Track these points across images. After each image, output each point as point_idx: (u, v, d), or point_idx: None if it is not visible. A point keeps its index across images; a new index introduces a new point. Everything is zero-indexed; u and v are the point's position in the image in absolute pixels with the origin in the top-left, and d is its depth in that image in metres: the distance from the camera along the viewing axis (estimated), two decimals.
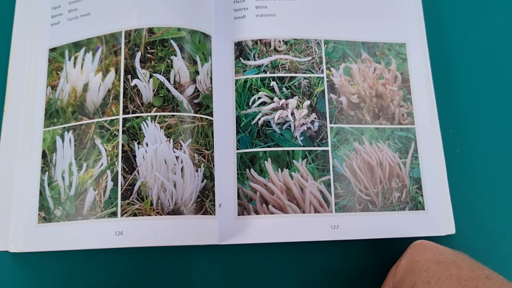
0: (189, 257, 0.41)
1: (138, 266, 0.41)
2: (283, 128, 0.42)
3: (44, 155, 0.41)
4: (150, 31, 0.41)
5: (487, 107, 0.47)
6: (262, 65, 0.44)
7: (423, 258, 0.35)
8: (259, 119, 0.42)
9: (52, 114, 0.42)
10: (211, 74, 0.42)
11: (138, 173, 0.39)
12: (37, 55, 0.44)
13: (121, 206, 0.38)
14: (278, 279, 0.41)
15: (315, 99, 0.43)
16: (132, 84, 0.41)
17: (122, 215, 0.38)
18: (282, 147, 0.42)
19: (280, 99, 0.43)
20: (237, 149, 0.42)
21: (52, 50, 0.44)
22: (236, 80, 0.43)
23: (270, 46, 0.44)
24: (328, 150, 0.42)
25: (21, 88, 0.43)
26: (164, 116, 0.40)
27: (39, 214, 0.40)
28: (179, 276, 0.41)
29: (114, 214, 0.38)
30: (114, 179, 0.39)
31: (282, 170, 0.41)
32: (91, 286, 0.41)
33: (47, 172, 0.41)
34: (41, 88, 0.43)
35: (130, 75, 0.41)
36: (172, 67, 0.41)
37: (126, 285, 0.41)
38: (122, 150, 0.39)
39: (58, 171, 0.41)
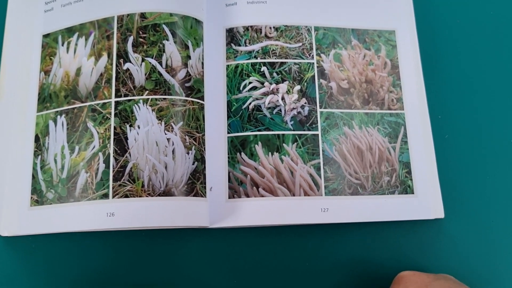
0: (180, 241, 0.42)
1: (129, 249, 0.42)
2: (274, 113, 0.43)
3: (37, 139, 0.42)
4: (142, 16, 0.42)
5: (475, 93, 0.48)
6: (253, 51, 0.44)
7: None
8: (250, 103, 0.43)
9: (45, 98, 0.43)
10: (203, 59, 0.43)
11: (130, 155, 0.39)
12: (31, 41, 0.44)
13: (113, 188, 0.39)
14: (268, 262, 0.42)
15: (305, 84, 0.44)
16: (125, 68, 0.41)
17: (113, 197, 0.38)
18: (272, 131, 0.42)
19: (270, 84, 0.43)
20: (228, 133, 0.42)
21: (46, 36, 0.44)
22: (228, 66, 0.44)
23: (261, 32, 0.45)
24: (318, 134, 0.43)
25: (14, 73, 0.44)
26: (156, 99, 0.40)
27: (31, 197, 0.41)
28: (170, 259, 0.41)
29: (105, 196, 0.39)
30: (106, 161, 0.39)
31: (272, 154, 0.42)
32: (84, 269, 0.41)
33: (39, 156, 0.41)
34: (34, 73, 0.44)
35: (122, 59, 0.41)
36: (164, 51, 0.41)
37: (117, 267, 0.41)
38: (114, 132, 0.40)
39: (51, 155, 0.41)
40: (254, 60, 0.44)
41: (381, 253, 0.42)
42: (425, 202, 0.43)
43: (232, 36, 0.45)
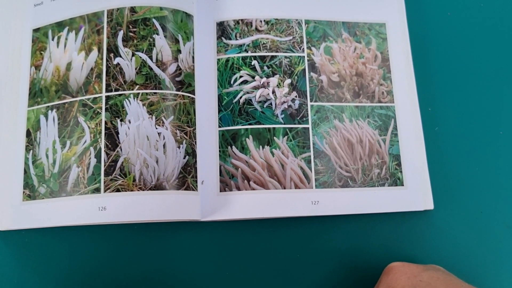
0: (171, 234, 0.42)
1: (121, 243, 0.42)
2: (264, 106, 0.43)
3: (28, 134, 0.42)
4: (132, 10, 0.42)
5: (465, 86, 0.48)
6: (244, 44, 0.44)
7: (399, 285, 0.35)
8: (240, 97, 0.43)
9: (36, 93, 0.43)
10: (193, 53, 0.43)
11: (121, 150, 0.39)
12: (21, 36, 0.44)
13: (104, 182, 0.39)
14: (259, 255, 0.42)
15: (296, 77, 0.44)
16: (115, 62, 0.41)
17: (105, 191, 0.39)
18: (263, 124, 0.43)
19: (261, 77, 0.44)
20: (219, 126, 0.42)
21: (36, 30, 0.44)
22: (218, 59, 0.44)
23: (251, 26, 0.45)
24: (308, 128, 0.43)
25: (5, 68, 0.44)
26: (147, 93, 0.40)
27: (23, 192, 0.41)
28: (162, 253, 0.42)
29: (97, 190, 0.39)
30: (97, 156, 0.40)
31: (263, 147, 0.42)
32: (76, 263, 0.41)
33: (31, 151, 0.41)
34: (25, 68, 0.43)
35: (112, 54, 0.41)
36: (154, 45, 0.41)
37: (109, 261, 0.41)
38: (105, 127, 0.40)
39: (42, 149, 0.41)
40: (244, 54, 0.44)
41: (371, 244, 0.43)
42: (415, 194, 0.43)
43: (222, 30, 0.45)
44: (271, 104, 0.43)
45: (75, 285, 0.41)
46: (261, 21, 0.45)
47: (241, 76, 0.43)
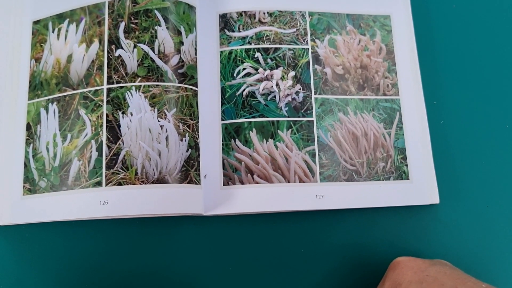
0: (174, 229, 0.42)
1: (123, 238, 0.41)
2: (268, 99, 0.43)
3: (28, 127, 0.41)
4: (134, 1, 0.41)
5: (471, 79, 0.47)
6: (247, 36, 0.44)
7: (405, 280, 0.34)
8: (244, 90, 0.42)
9: (36, 86, 0.42)
10: (196, 45, 0.42)
11: (123, 143, 0.39)
12: (21, 28, 0.44)
13: (106, 176, 0.38)
14: (263, 249, 0.42)
15: (299, 70, 0.43)
16: (116, 54, 0.41)
17: (106, 185, 0.38)
18: (267, 117, 0.42)
19: (265, 70, 0.43)
20: (222, 120, 0.42)
21: (36, 22, 0.43)
22: (221, 52, 0.43)
23: (254, 18, 0.44)
24: (312, 121, 0.42)
25: (5, 61, 0.43)
26: (149, 86, 0.40)
27: (24, 186, 0.40)
28: (164, 247, 0.41)
29: (98, 184, 0.38)
30: (99, 149, 0.39)
31: (267, 141, 0.42)
32: (77, 257, 0.41)
33: (31, 144, 0.41)
34: (25, 61, 0.43)
35: (114, 46, 0.41)
36: (156, 37, 0.41)
37: (111, 255, 0.41)
38: (107, 120, 0.39)
39: (43, 143, 0.41)
40: (248, 46, 0.43)
41: (377, 239, 0.42)
42: (420, 187, 0.43)
43: (225, 22, 0.44)
44: (274, 96, 0.43)
45: (76, 280, 0.40)
46: (264, 13, 0.44)
47: (244, 69, 0.43)
